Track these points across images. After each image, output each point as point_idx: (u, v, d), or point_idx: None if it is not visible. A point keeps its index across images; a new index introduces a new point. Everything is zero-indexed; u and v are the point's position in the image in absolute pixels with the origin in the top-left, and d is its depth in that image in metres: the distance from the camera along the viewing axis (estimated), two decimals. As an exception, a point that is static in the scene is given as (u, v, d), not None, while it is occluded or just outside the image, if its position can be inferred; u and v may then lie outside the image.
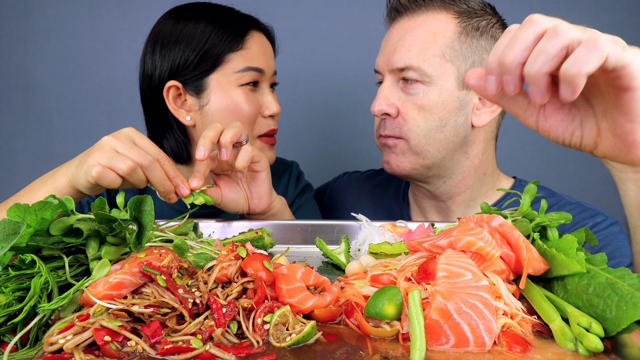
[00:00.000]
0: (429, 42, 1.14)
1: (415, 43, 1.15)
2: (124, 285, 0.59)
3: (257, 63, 1.23)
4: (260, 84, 1.26)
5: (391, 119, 1.20)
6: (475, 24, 1.16)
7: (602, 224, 1.15)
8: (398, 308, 0.60)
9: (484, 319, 0.56)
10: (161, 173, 0.91)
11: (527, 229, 0.74)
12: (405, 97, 1.18)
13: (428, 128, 1.17)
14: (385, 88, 1.20)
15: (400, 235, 0.96)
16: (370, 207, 1.45)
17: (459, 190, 1.27)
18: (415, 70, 1.14)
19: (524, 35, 0.60)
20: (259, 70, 1.22)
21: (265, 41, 1.29)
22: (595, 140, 0.70)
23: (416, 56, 1.14)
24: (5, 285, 0.57)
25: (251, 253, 0.68)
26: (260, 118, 1.25)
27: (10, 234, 0.59)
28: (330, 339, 0.59)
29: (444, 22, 1.16)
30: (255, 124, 1.24)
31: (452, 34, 1.15)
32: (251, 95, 1.22)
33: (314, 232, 1.03)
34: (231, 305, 0.59)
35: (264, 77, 1.25)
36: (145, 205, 0.69)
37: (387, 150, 1.25)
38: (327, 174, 1.67)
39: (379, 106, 1.19)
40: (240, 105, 1.20)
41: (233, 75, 1.20)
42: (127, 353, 0.53)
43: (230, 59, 1.20)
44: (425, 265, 0.65)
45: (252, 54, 1.22)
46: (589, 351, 0.55)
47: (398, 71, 1.17)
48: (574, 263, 0.61)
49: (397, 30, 1.20)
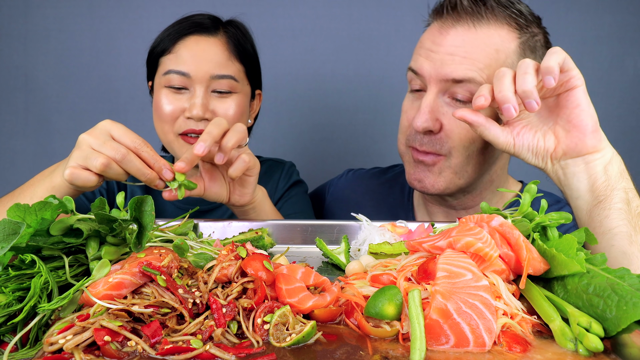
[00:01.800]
0: (492, 59, 1.05)
1: (478, 56, 1.05)
2: (124, 285, 0.59)
3: (182, 67, 1.27)
4: (190, 87, 1.28)
5: (431, 135, 1.10)
6: (532, 44, 1.09)
7: None
8: (398, 308, 0.60)
9: (484, 319, 0.56)
10: (139, 163, 0.89)
11: (527, 229, 0.74)
12: (451, 111, 1.07)
13: (473, 149, 1.10)
14: (431, 100, 1.08)
15: (400, 235, 0.96)
16: (373, 206, 1.43)
17: (474, 203, 1.25)
18: (475, 85, 1.04)
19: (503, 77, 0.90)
20: (181, 74, 1.27)
21: (204, 45, 1.29)
22: (554, 142, 0.94)
23: (480, 70, 1.04)
24: (5, 285, 0.57)
25: (251, 253, 0.68)
26: (182, 118, 1.29)
27: (10, 234, 0.59)
28: (330, 339, 0.59)
29: (506, 39, 1.07)
30: (175, 123, 1.29)
31: (513, 54, 1.07)
32: (172, 97, 1.28)
33: (314, 232, 1.03)
34: (231, 305, 0.59)
35: (191, 80, 1.27)
36: (145, 205, 0.69)
37: (422, 168, 1.15)
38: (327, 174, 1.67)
39: (425, 122, 1.07)
40: (160, 104, 1.29)
41: (162, 77, 1.30)
42: (127, 353, 0.53)
43: (161, 62, 1.32)
44: (425, 265, 0.65)
45: (178, 58, 1.28)
46: (589, 351, 0.55)
47: (452, 82, 1.06)
48: (574, 263, 0.61)
49: (454, 37, 1.07)
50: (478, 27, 1.06)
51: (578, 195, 0.93)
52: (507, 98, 0.86)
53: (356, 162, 2.18)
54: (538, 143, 0.94)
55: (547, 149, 0.94)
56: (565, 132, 0.92)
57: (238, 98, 1.33)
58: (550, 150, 0.94)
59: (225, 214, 1.44)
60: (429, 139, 1.11)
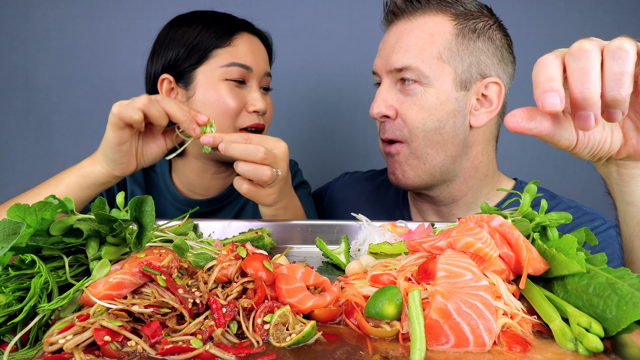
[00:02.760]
0: (427, 43, 1.15)
1: (412, 44, 1.15)
2: (124, 285, 0.59)
3: (244, 60, 1.27)
4: (248, 82, 1.30)
5: (391, 121, 1.20)
6: (472, 25, 1.16)
7: (601, 228, 1.16)
8: (398, 308, 0.60)
9: (484, 319, 0.56)
10: (177, 103, 1.00)
11: (527, 229, 0.74)
12: (403, 98, 1.18)
13: (427, 129, 1.16)
14: (383, 90, 1.20)
15: (400, 235, 0.96)
16: (370, 208, 1.45)
17: (460, 193, 1.26)
18: (414, 70, 1.14)
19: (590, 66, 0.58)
20: (245, 67, 1.27)
21: (256, 43, 1.34)
22: (621, 143, 0.74)
23: (414, 57, 1.14)
24: (5, 285, 0.57)
25: (251, 253, 0.68)
26: (245, 113, 1.29)
27: (10, 234, 0.59)
28: (330, 339, 0.59)
29: (440, 23, 1.16)
30: (238, 118, 1.28)
31: (449, 36, 1.15)
32: (235, 91, 1.27)
33: (314, 232, 1.03)
34: (231, 305, 0.59)
35: (251, 75, 1.29)
36: (146, 205, 0.69)
37: (391, 160, 1.25)
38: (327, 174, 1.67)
39: (378, 108, 1.19)
40: (223, 98, 1.26)
41: (219, 70, 1.26)
42: (127, 353, 0.53)
43: (216, 54, 1.27)
44: (425, 265, 0.65)
45: (238, 51, 1.28)
46: (589, 351, 0.55)
47: (396, 72, 1.17)
48: (574, 263, 0.61)
49: (394, 32, 1.20)
50: (413, 19, 1.18)
51: (632, 200, 0.79)
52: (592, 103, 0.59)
53: (356, 162, 2.18)
54: (604, 144, 0.74)
55: (611, 150, 0.75)
56: (638, 134, 0.73)
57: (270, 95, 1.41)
58: (614, 151, 0.75)
59: (229, 216, 1.44)
60: (389, 126, 1.21)
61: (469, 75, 1.16)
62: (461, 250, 0.65)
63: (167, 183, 1.43)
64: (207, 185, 1.42)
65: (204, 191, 1.43)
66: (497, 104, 1.18)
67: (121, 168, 1.04)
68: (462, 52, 1.15)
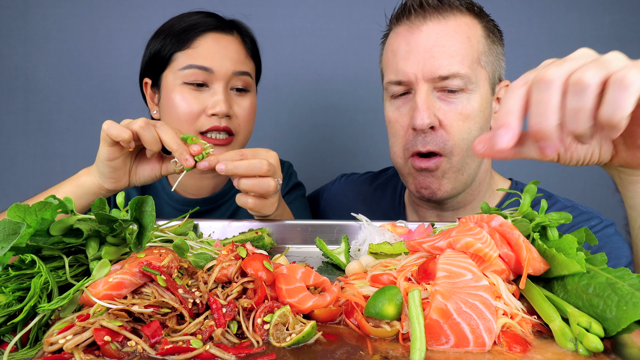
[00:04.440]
0: (468, 47, 1.08)
1: (456, 49, 1.07)
2: (124, 285, 0.59)
3: (203, 62, 1.24)
4: (211, 84, 1.26)
5: (432, 133, 1.10)
6: (491, 27, 1.13)
7: (597, 227, 1.15)
8: (398, 308, 0.60)
9: (484, 319, 0.56)
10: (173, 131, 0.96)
11: (527, 229, 0.74)
12: (446, 106, 1.09)
13: (471, 139, 1.09)
14: (424, 98, 1.08)
15: (400, 235, 0.96)
16: (367, 211, 1.43)
17: (472, 197, 1.23)
18: (462, 78, 1.06)
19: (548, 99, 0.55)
20: (203, 68, 1.24)
21: (225, 42, 1.29)
22: (611, 154, 0.72)
23: (460, 63, 1.07)
24: (5, 285, 0.57)
25: (251, 253, 0.68)
26: (204, 116, 1.25)
27: (10, 234, 0.59)
28: (330, 339, 0.59)
29: (472, 25, 1.10)
30: (197, 121, 1.26)
31: (482, 39, 1.10)
32: (193, 94, 1.25)
33: (314, 232, 1.03)
34: (231, 305, 0.59)
35: (213, 76, 1.25)
36: (146, 205, 0.69)
37: (425, 174, 1.15)
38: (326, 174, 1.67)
39: (428, 119, 1.07)
40: (177, 102, 1.24)
41: (178, 73, 1.25)
42: (127, 353, 0.53)
43: (176, 58, 1.27)
44: (425, 265, 0.65)
45: (198, 53, 1.25)
46: (589, 351, 0.55)
47: (439, 79, 1.07)
48: (574, 263, 0.61)
49: (428, 33, 1.09)
50: (446, 19, 1.09)
51: (633, 204, 0.77)
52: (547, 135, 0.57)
53: (356, 162, 2.18)
54: (591, 157, 0.72)
55: (601, 160, 0.73)
56: (626, 148, 0.71)
57: (252, 96, 1.35)
58: (606, 160, 0.74)
59: (225, 215, 1.45)
60: (431, 136, 1.10)
61: (495, 78, 1.14)
62: (461, 251, 0.65)
63: (164, 183, 1.44)
64: (199, 185, 1.42)
65: (195, 191, 1.43)
66: None
67: (111, 182, 1.03)
68: (491, 54, 1.12)
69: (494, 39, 1.13)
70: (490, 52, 1.12)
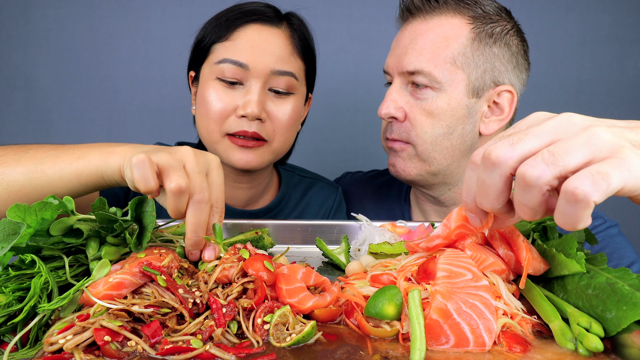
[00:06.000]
0: (441, 47, 1.11)
1: (426, 47, 1.12)
2: (124, 285, 0.59)
3: (239, 56, 1.11)
4: (246, 81, 1.13)
5: (398, 123, 1.18)
6: (490, 30, 1.12)
7: (601, 227, 1.15)
8: (398, 308, 0.60)
9: (484, 319, 0.56)
10: (205, 218, 0.70)
11: (527, 229, 0.74)
12: (413, 101, 1.15)
13: (435, 135, 1.14)
14: (394, 91, 1.17)
15: (400, 235, 0.96)
16: (372, 208, 1.44)
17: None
18: (426, 75, 1.11)
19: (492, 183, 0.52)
20: (238, 64, 1.11)
21: (267, 36, 1.14)
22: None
23: (427, 61, 1.11)
24: (5, 285, 0.57)
25: (253, 254, 0.68)
26: (233, 116, 1.13)
27: (10, 234, 0.59)
28: (330, 339, 0.59)
29: (457, 26, 1.12)
30: (225, 123, 1.13)
31: (465, 40, 1.11)
32: (224, 92, 1.12)
33: (314, 232, 1.03)
34: (231, 305, 0.59)
35: (248, 73, 1.12)
36: (146, 206, 0.69)
37: (394, 154, 1.23)
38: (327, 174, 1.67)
39: (387, 109, 1.17)
40: (207, 99, 1.13)
41: (214, 67, 1.13)
42: (127, 353, 0.53)
43: (214, 50, 1.15)
44: (425, 265, 0.65)
45: (236, 46, 1.12)
46: (589, 351, 0.55)
47: (408, 74, 1.14)
48: (574, 263, 0.61)
49: (409, 31, 1.16)
50: (429, 19, 1.15)
51: None
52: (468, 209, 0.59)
53: (356, 162, 2.18)
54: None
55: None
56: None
57: (295, 100, 1.19)
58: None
59: None
60: (396, 127, 1.19)
61: (482, 82, 1.13)
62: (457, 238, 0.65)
63: None
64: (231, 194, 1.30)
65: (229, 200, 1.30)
66: (508, 112, 1.16)
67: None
68: (477, 57, 1.12)
69: (489, 41, 1.12)
70: (477, 54, 1.12)
